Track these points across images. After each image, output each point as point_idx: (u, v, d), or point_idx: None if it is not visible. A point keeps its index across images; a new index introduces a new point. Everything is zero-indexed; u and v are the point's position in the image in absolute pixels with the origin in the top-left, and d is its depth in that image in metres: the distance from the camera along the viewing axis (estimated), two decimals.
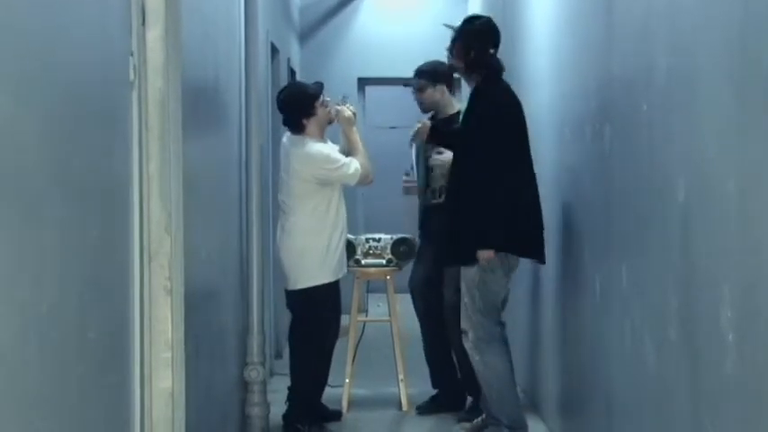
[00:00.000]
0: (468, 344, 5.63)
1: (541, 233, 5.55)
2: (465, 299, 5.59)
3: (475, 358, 5.62)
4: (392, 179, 9.44)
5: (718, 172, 2.97)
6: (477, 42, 5.65)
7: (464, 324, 5.63)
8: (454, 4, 11.33)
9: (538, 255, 5.60)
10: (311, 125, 6.19)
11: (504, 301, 5.76)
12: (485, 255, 5.45)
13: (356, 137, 6.31)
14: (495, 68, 5.64)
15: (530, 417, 6.16)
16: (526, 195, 5.51)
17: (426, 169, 6.65)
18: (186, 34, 3.85)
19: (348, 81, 10.82)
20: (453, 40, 5.75)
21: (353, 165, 6.16)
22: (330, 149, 6.18)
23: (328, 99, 6.30)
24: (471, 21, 5.87)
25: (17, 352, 2.22)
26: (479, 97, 5.62)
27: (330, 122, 6.31)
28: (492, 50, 5.65)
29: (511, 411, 5.65)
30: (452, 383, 6.57)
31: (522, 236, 5.53)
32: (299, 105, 6.21)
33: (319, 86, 6.33)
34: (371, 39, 11.38)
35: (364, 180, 6.25)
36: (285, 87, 6.81)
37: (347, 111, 6.32)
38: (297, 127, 6.21)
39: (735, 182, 2.82)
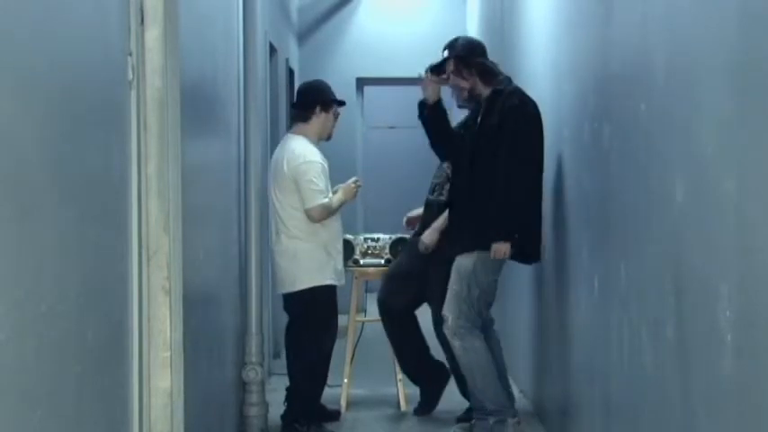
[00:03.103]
0: (447, 330, 5.75)
1: (540, 233, 5.74)
2: (454, 286, 5.70)
3: (455, 344, 5.75)
4: (390, 179, 9.49)
5: (716, 171, 2.97)
6: (473, 56, 5.82)
7: (446, 310, 5.74)
8: (453, 4, 11.34)
9: (538, 257, 5.80)
10: (315, 121, 6.21)
11: (489, 303, 5.87)
12: (502, 248, 5.55)
13: (341, 203, 6.22)
14: (499, 73, 5.82)
15: (530, 419, 6.18)
16: (540, 196, 5.70)
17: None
18: (185, 34, 3.86)
19: (347, 81, 10.82)
20: (455, 64, 5.81)
21: (324, 197, 6.07)
22: (318, 165, 6.12)
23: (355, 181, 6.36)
24: (453, 44, 5.92)
25: (16, 351, 2.22)
26: (508, 98, 5.69)
27: (329, 137, 6.33)
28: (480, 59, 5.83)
29: (494, 396, 5.72)
30: (436, 380, 6.61)
31: (537, 240, 5.73)
32: (321, 94, 6.29)
33: (343, 102, 6.44)
34: (370, 39, 11.39)
35: (316, 216, 6.06)
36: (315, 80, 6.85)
37: (354, 186, 6.31)
38: (304, 114, 6.23)
39: (733, 181, 2.83)
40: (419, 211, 6.79)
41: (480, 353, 5.72)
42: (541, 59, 6.33)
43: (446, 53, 5.87)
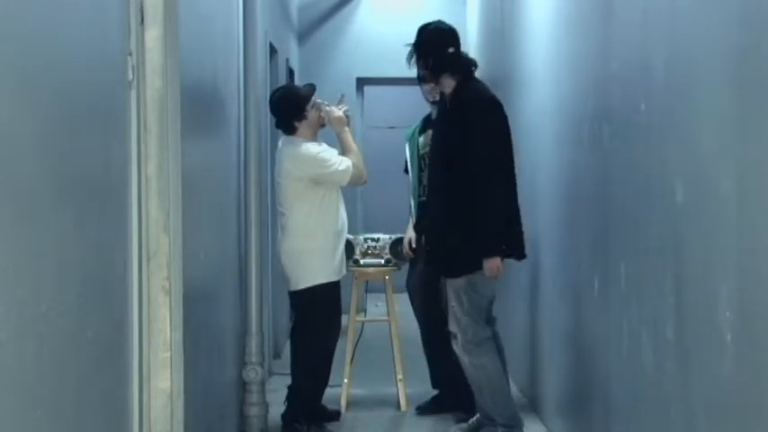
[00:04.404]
0: (457, 347, 5.69)
1: (521, 230, 5.67)
2: (452, 303, 5.63)
3: (464, 360, 5.68)
4: (391, 179, 9.45)
5: (716, 172, 2.98)
6: (433, 48, 5.75)
7: (452, 327, 5.68)
8: (453, 4, 11.33)
9: (522, 253, 5.72)
10: (303, 127, 6.19)
11: (492, 301, 5.80)
12: (494, 264, 5.47)
13: (347, 137, 6.29)
14: (466, 67, 5.72)
15: (529, 417, 6.17)
16: (515, 195, 5.62)
17: (420, 166, 6.63)
18: (185, 34, 3.85)
19: (347, 81, 10.81)
20: (409, 55, 5.82)
21: (344, 164, 6.15)
22: (321, 149, 6.16)
23: (320, 101, 6.30)
24: (421, 32, 5.87)
25: (15, 351, 2.22)
26: (466, 103, 5.61)
27: (323, 125, 6.31)
28: (452, 50, 5.73)
29: (504, 410, 5.68)
30: (453, 383, 6.55)
31: (518, 237, 5.64)
32: (289, 108, 6.21)
33: (311, 89, 6.34)
34: (370, 39, 11.38)
35: (357, 180, 6.26)
36: (276, 90, 6.80)
37: (337, 111, 6.30)
38: (288, 129, 6.22)
39: (733, 182, 2.83)
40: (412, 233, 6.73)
41: (490, 369, 5.64)
42: (541, 59, 6.32)
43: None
